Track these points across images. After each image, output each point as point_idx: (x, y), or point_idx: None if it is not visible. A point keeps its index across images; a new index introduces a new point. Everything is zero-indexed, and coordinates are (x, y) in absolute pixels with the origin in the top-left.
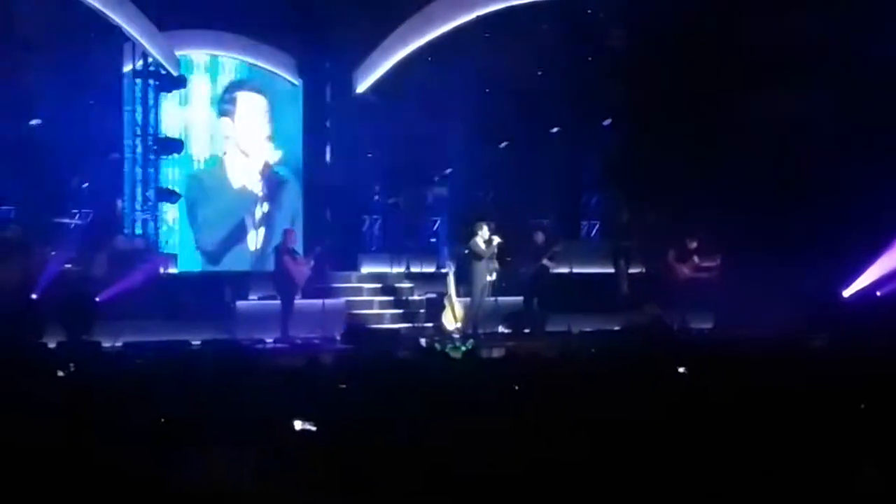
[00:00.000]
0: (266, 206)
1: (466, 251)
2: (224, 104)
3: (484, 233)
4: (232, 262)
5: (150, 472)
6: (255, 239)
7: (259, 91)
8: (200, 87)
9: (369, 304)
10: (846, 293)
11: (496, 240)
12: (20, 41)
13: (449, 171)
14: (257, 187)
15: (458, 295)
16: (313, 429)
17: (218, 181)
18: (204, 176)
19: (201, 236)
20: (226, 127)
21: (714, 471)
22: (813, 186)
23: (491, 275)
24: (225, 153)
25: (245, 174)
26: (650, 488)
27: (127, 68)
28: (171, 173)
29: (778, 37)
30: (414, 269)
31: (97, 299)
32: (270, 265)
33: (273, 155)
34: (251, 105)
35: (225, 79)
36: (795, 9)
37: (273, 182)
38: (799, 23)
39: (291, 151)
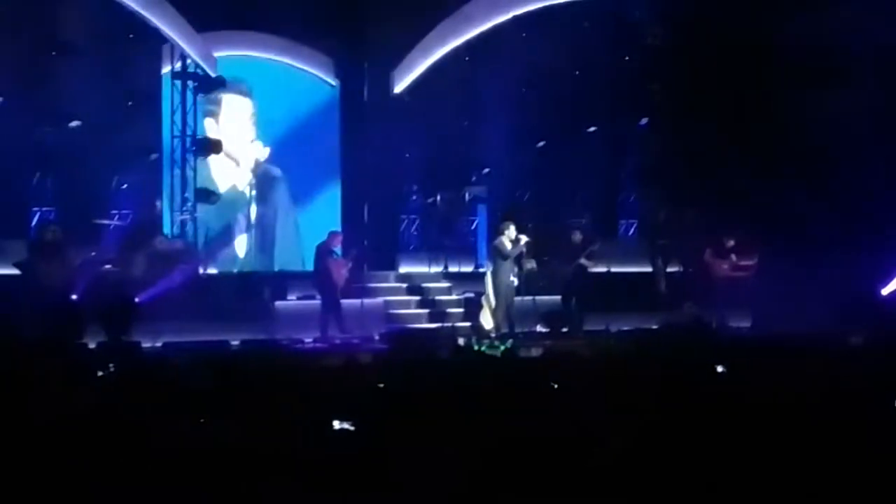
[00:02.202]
0: (257, 208)
1: (492, 250)
2: (207, 105)
3: (510, 232)
4: (220, 265)
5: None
6: (243, 242)
7: (243, 93)
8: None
9: (407, 304)
10: (884, 291)
11: (523, 239)
12: (59, 43)
13: (487, 170)
14: (247, 189)
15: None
16: (352, 428)
17: (202, 182)
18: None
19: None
20: (210, 128)
21: (752, 469)
22: (851, 184)
23: (513, 275)
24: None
25: (233, 176)
26: (689, 487)
27: (165, 70)
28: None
29: (816, 35)
30: (452, 269)
31: (137, 300)
32: (272, 266)
33: (262, 152)
34: (236, 107)
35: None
36: (835, 6)
37: (264, 181)
38: (838, 21)
39: (280, 147)
